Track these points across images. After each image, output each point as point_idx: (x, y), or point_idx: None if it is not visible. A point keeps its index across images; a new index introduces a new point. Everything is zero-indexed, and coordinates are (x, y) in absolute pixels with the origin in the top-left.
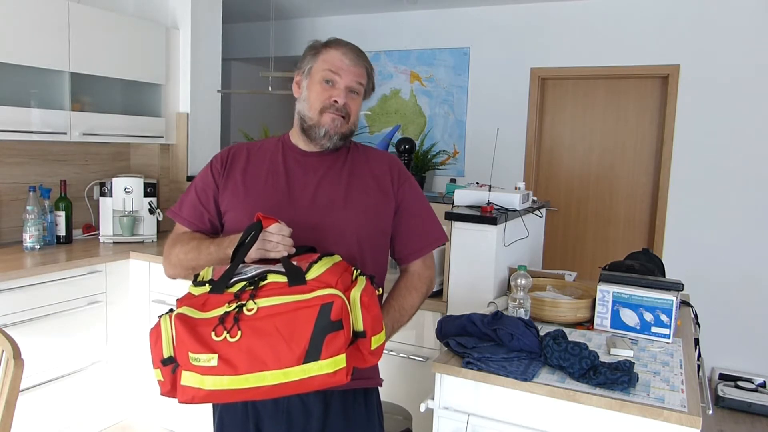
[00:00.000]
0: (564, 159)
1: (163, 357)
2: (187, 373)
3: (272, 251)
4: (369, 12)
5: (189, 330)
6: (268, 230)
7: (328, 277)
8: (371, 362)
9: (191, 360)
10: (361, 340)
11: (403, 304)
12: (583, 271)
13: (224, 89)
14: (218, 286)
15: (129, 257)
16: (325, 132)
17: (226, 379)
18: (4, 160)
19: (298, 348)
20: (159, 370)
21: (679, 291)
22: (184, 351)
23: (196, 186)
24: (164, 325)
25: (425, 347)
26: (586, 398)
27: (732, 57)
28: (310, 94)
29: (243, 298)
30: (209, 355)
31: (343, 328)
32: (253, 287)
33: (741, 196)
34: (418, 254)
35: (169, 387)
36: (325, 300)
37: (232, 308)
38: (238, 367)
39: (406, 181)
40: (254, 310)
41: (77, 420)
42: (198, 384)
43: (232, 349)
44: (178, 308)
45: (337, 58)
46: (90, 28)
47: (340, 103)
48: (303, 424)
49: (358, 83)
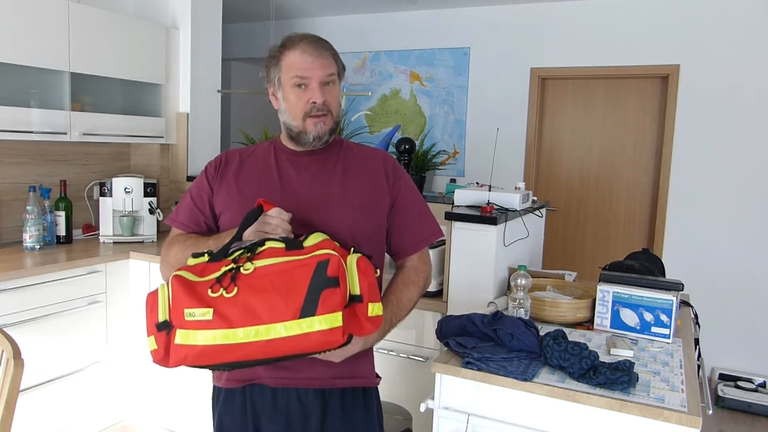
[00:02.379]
0: (564, 159)
1: (158, 321)
2: (181, 331)
3: (271, 233)
4: (369, 12)
5: (186, 288)
6: (268, 213)
7: (325, 244)
8: (368, 330)
9: (186, 316)
10: (358, 305)
11: (401, 297)
12: (583, 271)
13: (224, 89)
14: (217, 255)
15: (129, 257)
16: (314, 137)
17: (219, 333)
18: (4, 160)
19: (293, 303)
20: (153, 336)
21: (679, 291)
22: (180, 309)
23: (191, 192)
24: (162, 291)
25: (425, 347)
26: (586, 398)
27: (732, 57)
28: (288, 104)
29: (240, 262)
30: (204, 309)
31: (339, 286)
32: (250, 253)
33: (741, 196)
34: (414, 249)
35: (162, 353)
36: (322, 258)
37: (229, 268)
38: (233, 321)
39: (400, 177)
40: (251, 269)
41: (77, 420)
42: (191, 341)
43: (227, 304)
44: (175, 272)
45: (298, 60)
46: (90, 28)
47: (319, 102)
48: (302, 425)
49: (329, 75)
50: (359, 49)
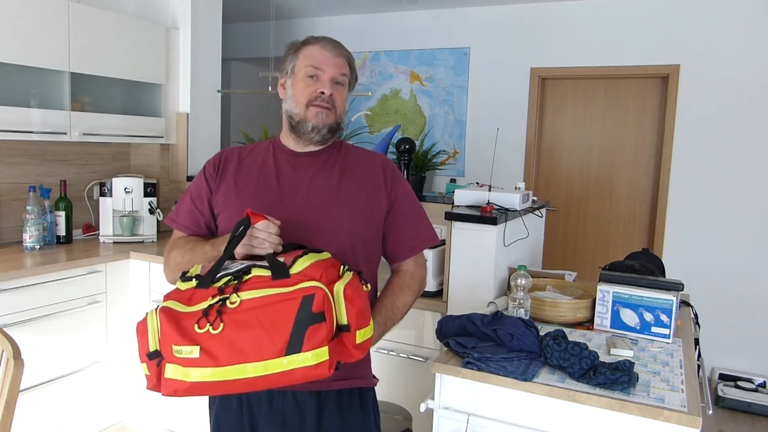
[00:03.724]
0: (564, 159)
1: (149, 351)
2: (170, 366)
3: (258, 248)
4: (369, 12)
5: (173, 323)
6: (255, 227)
7: (312, 271)
8: (356, 357)
9: (174, 352)
10: (345, 334)
11: (395, 302)
12: (583, 271)
13: (224, 89)
14: (204, 281)
15: (129, 257)
16: (313, 126)
17: (208, 371)
18: (4, 160)
19: (279, 340)
20: (146, 364)
21: (679, 291)
22: (168, 343)
23: (191, 192)
24: (150, 319)
25: (425, 347)
26: (586, 398)
27: (732, 57)
28: (295, 91)
29: (227, 292)
30: (191, 347)
31: (325, 321)
32: (237, 281)
33: (741, 196)
34: (410, 253)
35: (155, 381)
36: (307, 292)
37: (216, 301)
38: (220, 359)
39: (398, 181)
40: (237, 302)
41: (77, 420)
42: (181, 376)
43: (214, 341)
44: (164, 302)
45: (317, 53)
46: (90, 28)
47: (327, 93)
48: (298, 425)
49: (342, 74)
50: (359, 49)
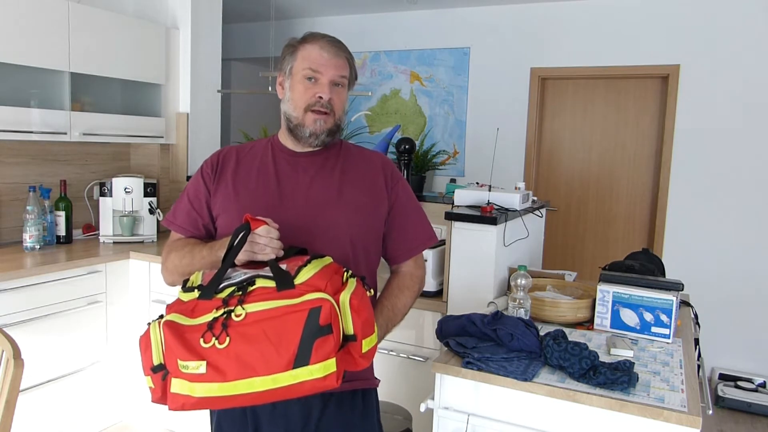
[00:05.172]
0: (564, 159)
1: (153, 364)
2: (176, 380)
3: (260, 254)
4: (369, 12)
5: (177, 337)
6: (256, 232)
7: (318, 281)
8: (362, 365)
9: (180, 367)
10: (352, 344)
11: (395, 303)
12: (583, 271)
13: (224, 89)
14: (207, 291)
15: (129, 257)
16: (310, 133)
17: (215, 386)
18: (4, 160)
19: (287, 353)
20: (149, 377)
21: (679, 291)
22: (173, 358)
23: (188, 193)
24: (153, 332)
25: (425, 347)
26: (586, 398)
27: (732, 57)
28: (294, 94)
29: (231, 304)
30: (198, 363)
31: (333, 333)
32: (241, 292)
33: (741, 196)
34: (410, 254)
35: (160, 394)
36: (314, 304)
37: (220, 314)
38: (227, 374)
39: (398, 182)
40: (242, 315)
41: (77, 420)
42: (188, 391)
43: (220, 356)
44: (167, 315)
45: (315, 54)
46: (90, 28)
47: (325, 98)
48: (301, 427)
49: (341, 76)
50: (359, 49)
